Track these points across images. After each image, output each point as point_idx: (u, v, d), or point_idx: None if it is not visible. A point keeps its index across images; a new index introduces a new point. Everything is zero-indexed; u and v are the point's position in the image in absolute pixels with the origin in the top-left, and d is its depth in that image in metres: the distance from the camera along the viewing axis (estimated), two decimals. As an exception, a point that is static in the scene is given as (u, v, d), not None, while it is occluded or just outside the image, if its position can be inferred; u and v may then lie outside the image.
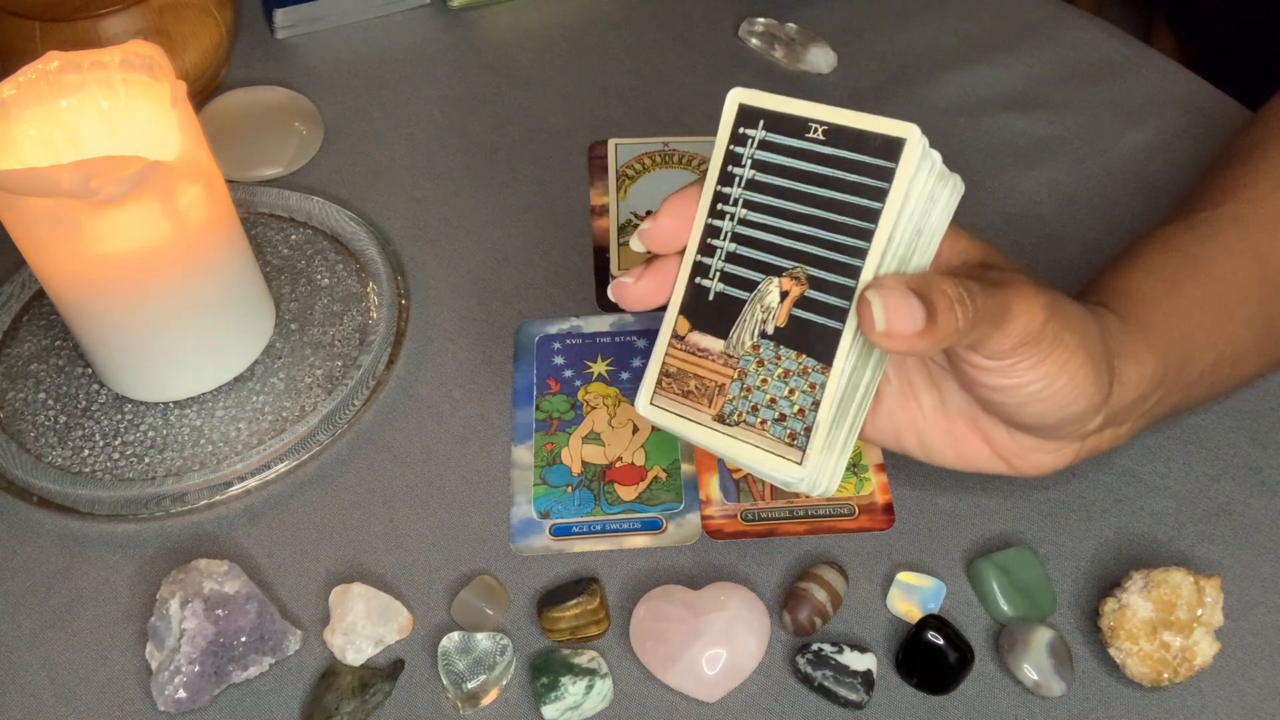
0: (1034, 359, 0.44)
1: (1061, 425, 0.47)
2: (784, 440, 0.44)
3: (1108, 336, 0.47)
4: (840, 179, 0.43)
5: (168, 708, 0.52)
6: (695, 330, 0.46)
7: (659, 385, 0.47)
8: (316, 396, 0.63)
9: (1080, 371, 0.45)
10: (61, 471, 0.61)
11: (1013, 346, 0.43)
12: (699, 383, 0.46)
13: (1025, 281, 0.44)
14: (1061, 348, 0.44)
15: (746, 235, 0.45)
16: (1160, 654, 0.50)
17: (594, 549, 0.58)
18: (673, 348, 0.46)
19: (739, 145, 0.45)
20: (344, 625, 0.54)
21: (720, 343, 0.45)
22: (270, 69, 0.83)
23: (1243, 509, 0.58)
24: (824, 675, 0.52)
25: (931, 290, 0.41)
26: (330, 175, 0.76)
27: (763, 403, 0.44)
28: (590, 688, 0.52)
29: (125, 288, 0.58)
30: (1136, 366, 0.49)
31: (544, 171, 0.75)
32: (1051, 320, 0.43)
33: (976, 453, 0.50)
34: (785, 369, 0.44)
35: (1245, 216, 0.55)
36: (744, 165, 0.45)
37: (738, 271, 0.45)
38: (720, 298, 0.45)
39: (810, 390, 0.43)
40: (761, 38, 0.82)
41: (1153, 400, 0.50)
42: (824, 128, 0.43)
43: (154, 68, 0.57)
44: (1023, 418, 0.47)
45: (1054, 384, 0.44)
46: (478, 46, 0.85)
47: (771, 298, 0.44)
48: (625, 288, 0.47)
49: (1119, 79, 0.79)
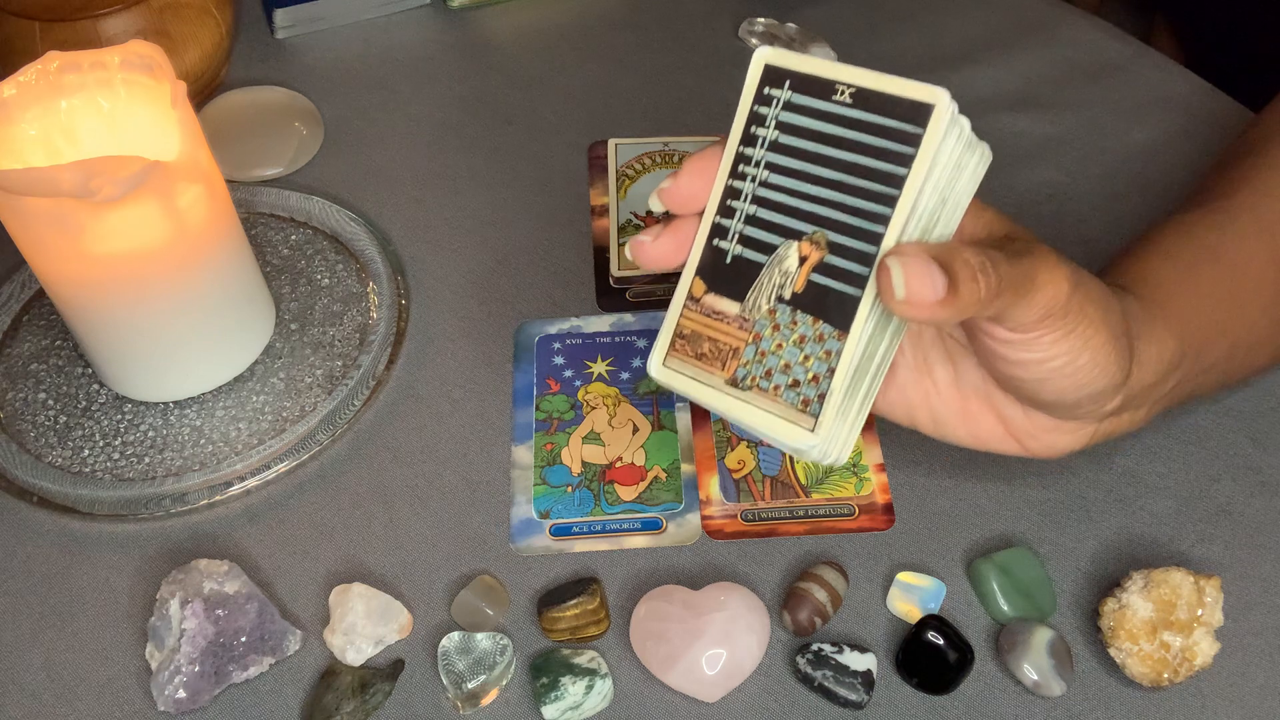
0: (1059, 332, 0.43)
1: (1080, 404, 0.46)
2: (797, 407, 0.43)
3: (1129, 316, 0.47)
4: (866, 143, 0.42)
5: (168, 708, 0.52)
6: (711, 292, 0.45)
7: (672, 347, 0.46)
8: (316, 396, 0.63)
9: (1103, 349, 0.44)
10: (61, 471, 0.61)
11: (1038, 318, 0.42)
12: (713, 345, 0.45)
13: (1050, 253, 0.43)
14: (1086, 322, 0.43)
15: (767, 198, 0.44)
16: (1160, 654, 0.50)
17: (594, 549, 0.58)
18: (688, 309, 0.45)
19: (763, 105, 0.44)
20: (344, 625, 0.54)
21: (736, 306, 0.44)
22: (270, 69, 0.83)
23: (1243, 509, 0.58)
24: (824, 675, 0.52)
25: (954, 259, 0.40)
26: (330, 175, 0.76)
27: (777, 368, 0.43)
28: (590, 688, 0.52)
29: (125, 288, 0.58)
30: (1156, 348, 0.48)
31: (544, 171, 0.75)
32: (1076, 292, 0.43)
33: (990, 431, 0.49)
34: (801, 334, 0.43)
35: (1259, 207, 0.55)
36: (768, 126, 0.44)
37: (757, 234, 0.44)
38: (738, 260, 0.44)
39: (826, 357, 0.42)
40: (761, 38, 0.82)
41: (1170, 384, 0.50)
42: (851, 90, 0.42)
43: (154, 68, 0.57)
44: (1042, 395, 0.46)
45: (1077, 360, 0.44)
46: (478, 46, 0.85)
47: (790, 262, 0.43)
48: (643, 247, 0.46)
49: (1119, 79, 0.79)
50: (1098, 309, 0.44)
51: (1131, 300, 0.49)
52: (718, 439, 0.61)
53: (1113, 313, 0.45)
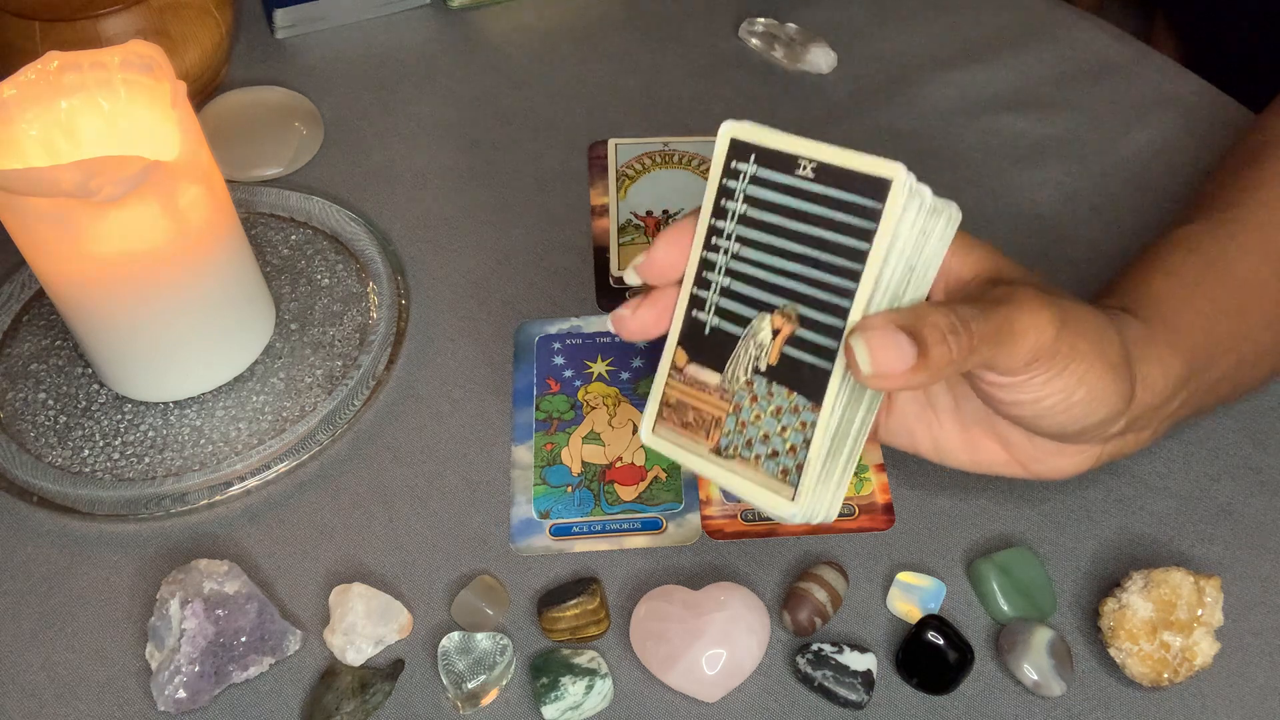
0: (1049, 373, 0.43)
1: (1083, 433, 0.46)
2: (777, 476, 0.43)
3: (1128, 341, 0.47)
4: (829, 218, 0.42)
5: (168, 708, 0.52)
6: (693, 362, 0.46)
7: (660, 415, 0.47)
8: (316, 396, 0.63)
9: (1099, 382, 0.44)
10: (61, 471, 0.61)
11: (1025, 363, 0.42)
12: (697, 415, 0.46)
13: (1033, 295, 0.43)
14: (1078, 358, 0.43)
15: (739, 270, 0.44)
16: (1160, 654, 0.50)
17: (594, 549, 0.58)
18: (672, 379, 0.47)
19: (731, 179, 0.45)
20: (344, 625, 0.54)
21: (717, 376, 0.45)
22: (270, 69, 0.83)
23: (1243, 509, 0.58)
24: (824, 675, 0.52)
25: (922, 324, 0.40)
26: (330, 175, 0.76)
27: (757, 438, 0.44)
28: (590, 688, 0.52)
29: (125, 288, 0.58)
30: (1161, 369, 0.48)
31: (544, 171, 0.75)
32: (1064, 332, 0.42)
33: (993, 458, 0.49)
34: (778, 406, 0.43)
35: (1260, 220, 0.55)
36: (736, 199, 0.45)
37: (732, 306, 0.45)
38: (716, 331, 0.45)
39: (802, 428, 0.43)
40: (761, 38, 0.82)
41: (1177, 403, 0.50)
42: (813, 165, 0.43)
43: (154, 68, 0.57)
44: (1042, 427, 0.46)
45: (1072, 397, 0.44)
46: (478, 46, 0.85)
47: (764, 335, 0.44)
48: (623, 320, 0.47)
49: (1119, 79, 0.79)
50: (1090, 343, 0.44)
51: (1133, 323, 0.49)
52: (718, 439, 0.61)
53: (1108, 343, 0.45)
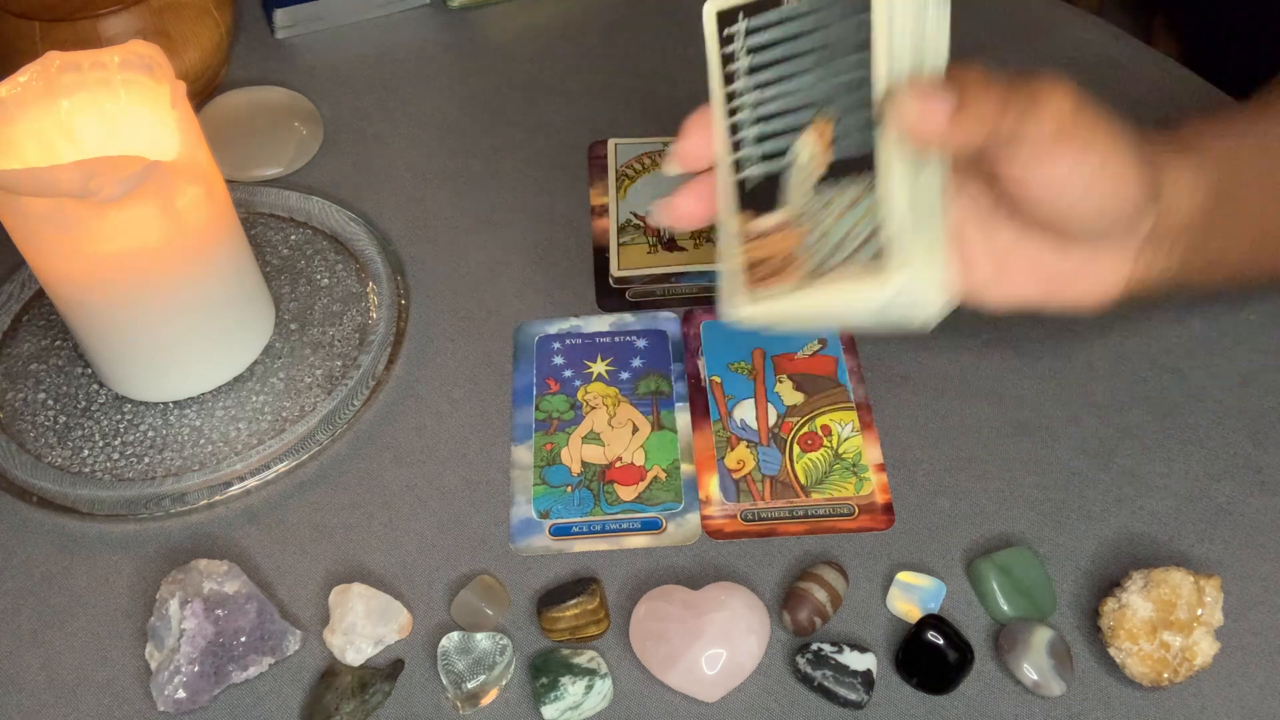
0: (1076, 145, 0.44)
1: (1112, 229, 0.47)
2: (870, 267, 0.43)
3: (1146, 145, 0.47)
4: (828, 25, 0.44)
5: (167, 708, 0.52)
6: (754, 219, 0.47)
7: (745, 285, 0.47)
8: (316, 396, 0.63)
9: (1121, 165, 0.45)
10: (61, 471, 0.61)
11: (1052, 132, 0.43)
12: (778, 257, 0.46)
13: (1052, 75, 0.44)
14: (1101, 134, 0.44)
15: (765, 114, 0.46)
16: (1160, 654, 0.50)
17: (594, 549, 0.58)
18: (740, 245, 0.47)
19: (729, 45, 0.47)
20: (344, 625, 0.54)
21: (780, 215, 0.46)
22: (270, 69, 0.83)
23: (1243, 509, 0.58)
24: (824, 675, 0.52)
25: (957, 75, 0.42)
26: (330, 175, 0.76)
27: (841, 241, 0.44)
28: (590, 688, 0.52)
29: (125, 288, 0.58)
30: (1190, 175, 0.49)
31: (544, 171, 0.75)
32: (1084, 109, 0.44)
33: (1025, 290, 0.49)
34: (847, 202, 0.44)
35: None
36: (739, 59, 0.47)
37: (768, 148, 0.46)
38: (764, 180, 0.47)
39: (872, 212, 0.43)
40: (761, 38, 0.82)
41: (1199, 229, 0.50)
42: None
43: (154, 68, 0.57)
44: (1071, 224, 0.46)
45: (1098, 177, 0.44)
46: (478, 46, 0.85)
47: (807, 151, 0.45)
48: (670, 206, 0.48)
49: (1119, 79, 0.79)
50: (1108, 130, 0.45)
51: (1156, 135, 0.49)
52: (717, 439, 0.61)
53: (1128, 133, 0.46)
